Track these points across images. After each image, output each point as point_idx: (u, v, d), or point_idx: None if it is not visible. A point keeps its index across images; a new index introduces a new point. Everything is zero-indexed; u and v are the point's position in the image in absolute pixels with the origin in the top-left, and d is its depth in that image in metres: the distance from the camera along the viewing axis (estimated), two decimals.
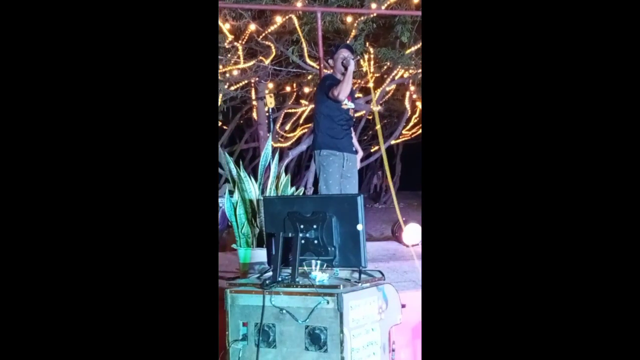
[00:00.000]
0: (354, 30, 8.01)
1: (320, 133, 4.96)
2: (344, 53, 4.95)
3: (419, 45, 8.36)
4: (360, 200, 3.03)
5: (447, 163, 2.18)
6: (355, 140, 5.19)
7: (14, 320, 2.03)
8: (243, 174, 3.99)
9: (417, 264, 4.60)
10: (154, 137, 2.19)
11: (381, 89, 9.35)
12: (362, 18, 7.90)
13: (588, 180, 2.05)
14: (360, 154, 5.19)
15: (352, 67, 4.79)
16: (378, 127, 6.31)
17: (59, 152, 2.11)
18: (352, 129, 5.14)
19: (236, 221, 3.97)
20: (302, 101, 10.43)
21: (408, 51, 8.46)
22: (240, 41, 7.98)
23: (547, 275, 2.05)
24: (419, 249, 5.39)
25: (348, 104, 4.96)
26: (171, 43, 2.21)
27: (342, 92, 4.77)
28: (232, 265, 4.33)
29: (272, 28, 7.78)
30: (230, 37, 7.79)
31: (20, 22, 2.10)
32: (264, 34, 7.93)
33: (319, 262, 3.01)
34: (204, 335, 2.19)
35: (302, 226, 3.04)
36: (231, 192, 4.05)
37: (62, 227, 2.09)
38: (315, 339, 2.80)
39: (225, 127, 11.51)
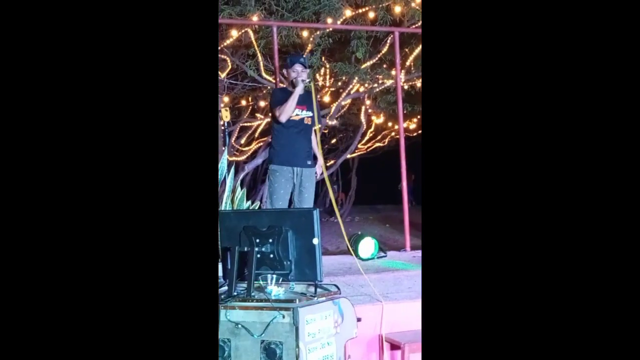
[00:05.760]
0: (309, 45, 8.06)
1: (271, 146, 4.89)
2: (296, 68, 4.81)
3: (374, 60, 8.48)
4: (316, 214, 3.04)
5: (448, 172, 2.13)
6: (317, 151, 4.97)
7: (13, 321, 1.99)
8: None
9: (373, 277, 4.62)
10: (155, 140, 2.14)
11: (337, 103, 9.42)
12: (318, 33, 7.95)
13: (590, 184, 2.01)
14: (320, 164, 4.98)
15: (299, 89, 4.69)
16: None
17: (59, 150, 2.06)
18: (313, 139, 4.91)
19: None
20: (258, 115, 10.42)
21: (364, 66, 8.55)
22: None
23: (546, 283, 2.01)
24: (374, 262, 5.41)
25: (301, 114, 4.80)
26: (172, 51, 2.17)
27: (284, 114, 4.68)
28: None
29: (228, 42, 7.77)
30: None
31: (19, 22, 2.06)
32: (219, 48, 7.91)
33: (274, 276, 3.01)
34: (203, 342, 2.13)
35: (257, 240, 3.03)
36: None
37: (60, 228, 2.05)
38: (270, 353, 2.79)
39: None
